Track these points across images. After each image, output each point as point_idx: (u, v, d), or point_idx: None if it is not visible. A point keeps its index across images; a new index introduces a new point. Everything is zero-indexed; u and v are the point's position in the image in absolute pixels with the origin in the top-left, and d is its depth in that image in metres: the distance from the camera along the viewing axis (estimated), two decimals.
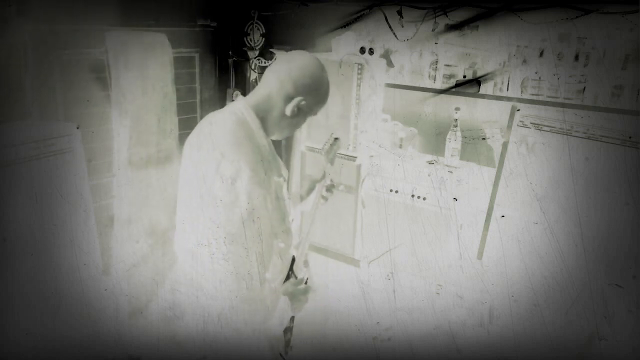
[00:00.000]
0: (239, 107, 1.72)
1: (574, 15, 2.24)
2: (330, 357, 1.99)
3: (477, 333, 2.48)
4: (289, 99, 1.71)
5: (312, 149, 2.99)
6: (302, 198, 2.10)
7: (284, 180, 1.81)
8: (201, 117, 3.10)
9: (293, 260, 1.92)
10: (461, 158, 2.63)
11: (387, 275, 2.71)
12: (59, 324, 2.23)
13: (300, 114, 1.75)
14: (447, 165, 2.64)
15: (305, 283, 1.93)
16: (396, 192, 2.77)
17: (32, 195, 2.10)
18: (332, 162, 2.02)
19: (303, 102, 1.72)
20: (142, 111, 2.70)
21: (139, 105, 2.68)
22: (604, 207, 2.14)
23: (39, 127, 2.24)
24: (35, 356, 2.16)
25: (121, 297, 2.51)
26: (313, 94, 1.74)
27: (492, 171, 2.47)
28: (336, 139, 2.02)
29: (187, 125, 3.03)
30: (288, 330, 1.94)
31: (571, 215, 2.21)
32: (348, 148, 2.98)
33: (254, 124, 1.70)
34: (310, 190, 2.08)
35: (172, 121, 2.86)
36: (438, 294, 2.61)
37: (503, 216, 2.41)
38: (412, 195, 2.74)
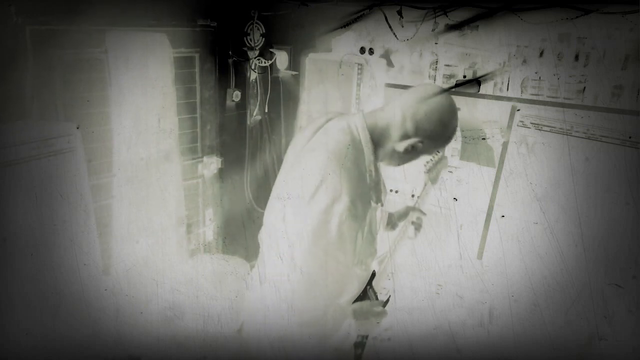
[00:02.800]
0: (357, 124, 1.58)
1: (574, 15, 2.24)
2: (331, 357, 1.99)
3: (477, 333, 2.48)
4: (405, 137, 1.57)
5: None
6: (393, 224, 1.99)
7: (382, 205, 1.67)
8: (201, 117, 3.11)
9: (373, 275, 1.79)
10: (461, 158, 2.63)
11: (387, 275, 2.71)
12: (59, 324, 2.23)
13: (414, 152, 1.60)
14: (447, 165, 2.64)
15: (386, 303, 1.81)
16: (396, 192, 2.77)
17: (32, 195, 2.10)
18: (434, 180, 1.90)
19: (420, 144, 1.56)
20: (142, 111, 2.70)
21: (139, 105, 2.68)
22: (604, 207, 2.14)
23: (39, 127, 2.24)
24: (35, 356, 2.16)
25: (121, 297, 2.51)
26: (434, 138, 1.57)
27: (492, 171, 2.47)
28: (442, 157, 1.91)
29: (187, 125, 3.03)
30: (359, 345, 1.83)
31: (571, 215, 2.21)
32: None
33: (367, 148, 1.57)
34: (403, 216, 1.98)
35: (172, 121, 2.86)
36: (438, 294, 2.61)
37: (503, 216, 2.41)
38: (412, 195, 2.74)
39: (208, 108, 3.11)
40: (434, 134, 1.56)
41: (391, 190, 2.79)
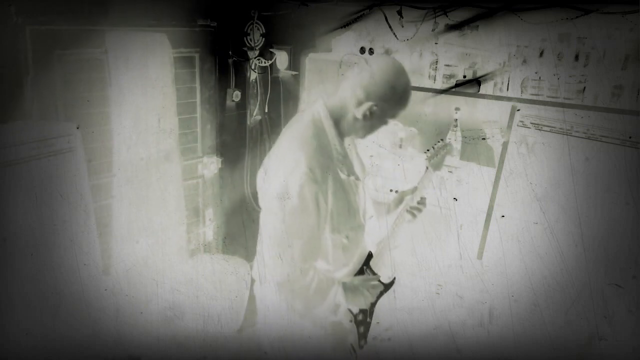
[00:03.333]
0: (317, 106, 1.78)
1: (574, 15, 2.24)
2: (331, 357, 1.99)
3: (477, 333, 2.48)
4: (360, 104, 1.72)
5: None
6: (389, 209, 2.10)
7: (357, 179, 1.83)
8: (201, 117, 3.11)
9: (369, 256, 1.93)
10: (461, 158, 2.63)
11: (387, 276, 2.72)
12: (59, 324, 2.23)
13: (374, 117, 1.75)
14: (447, 165, 2.64)
15: (391, 284, 1.95)
16: (396, 192, 2.77)
17: (32, 195, 2.10)
18: (436, 167, 1.99)
19: (375, 107, 1.72)
20: (142, 111, 2.70)
21: (139, 105, 2.68)
22: (604, 207, 2.14)
23: (39, 127, 2.23)
24: (35, 356, 2.16)
25: (121, 297, 2.51)
26: (386, 99, 1.72)
27: (492, 171, 2.47)
28: (446, 144, 1.99)
29: (187, 125, 3.03)
30: (361, 323, 1.94)
31: (571, 215, 2.21)
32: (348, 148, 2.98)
33: (327, 123, 1.75)
34: (399, 202, 2.07)
35: (172, 121, 2.86)
36: (438, 294, 2.61)
37: (503, 216, 2.42)
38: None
39: (208, 108, 3.11)
40: (385, 95, 1.71)
41: (391, 190, 2.79)
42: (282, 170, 1.69)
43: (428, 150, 1.99)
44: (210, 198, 3.24)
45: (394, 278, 1.98)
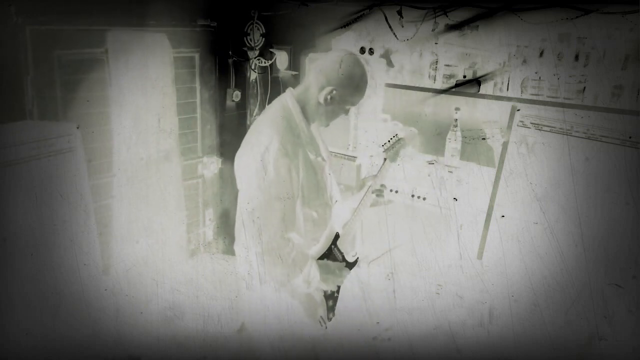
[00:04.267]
0: (286, 94, 2.01)
1: (574, 15, 2.24)
2: (331, 357, 1.99)
3: (477, 333, 2.48)
4: (322, 88, 1.94)
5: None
6: (353, 194, 2.28)
7: (323, 160, 2.04)
8: (201, 117, 3.11)
9: (337, 236, 2.10)
10: (461, 158, 2.63)
11: (387, 275, 2.71)
12: (59, 324, 2.23)
13: (334, 102, 1.96)
14: (447, 165, 2.64)
15: (355, 262, 2.15)
16: (396, 192, 2.77)
17: (32, 195, 2.10)
18: (392, 159, 2.17)
19: (334, 92, 1.94)
20: (142, 111, 2.70)
21: (139, 105, 2.68)
22: (604, 207, 2.14)
23: (39, 127, 2.24)
24: (35, 356, 2.16)
25: (121, 297, 2.51)
26: (344, 86, 1.94)
27: (492, 171, 2.47)
28: (400, 138, 2.17)
29: (187, 125, 3.03)
30: (330, 297, 2.12)
31: (571, 215, 2.21)
32: (348, 148, 2.98)
33: (294, 108, 1.97)
34: (360, 187, 2.24)
35: (172, 121, 2.86)
36: (438, 294, 2.61)
37: (503, 216, 2.42)
38: (412, 195, 2.74)
39: (208, 108, 3.11)
40: (342, 82, 1.93)
41: (391, 190, 2.79)
42: (257, 148, 1.88)
43: (384, 144, 2.17)
44: (210, 198, 3.24)
45: (357, 257, 2.17)
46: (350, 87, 1.96)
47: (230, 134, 3.25)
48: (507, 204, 2.40)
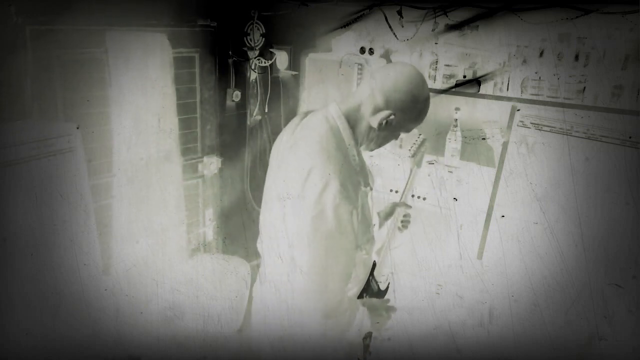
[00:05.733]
0: (332, 113, 1.63)
1: (574, 15, 2.24)
2: (331, 357, 1.99)
3: (477, 333, 2.48)
4: (377, 111, 1.60)
5: None
6: (380, 222, 2.01)
7: (371, 189, 1.72)
8: (201, 117, 3.11)
9: (374, 266, 1.85)
10: (461, 158, 2.63)
11: (387, 276, 2.71)
12: (59, 324, 2.23)
13: (389, 128, 1.63)
14: (447, 165, 2.64)
15: (386, 289, 1.90)
16: (396, 192, 2.77)
17: (32, 195, 2.10)
18: (419, 164, 1.93)
19: (392, 117, 1.59)
20: (142, 111, 2.70)
21: (139, 105, 2.68)
22: (604, 207, 2.14)
23: (39, 127, 2.23)
24: (35, 356, 2.16)
25: (121, 297, 2.51)
26: (405, 110, 1.60)
27: (492, 171, 2.47)
28: (424, 139, 1.94)
29: (187, 125, 3.03)
30: (367, 336, 1.88)
31: (571, 215, 2.21)
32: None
33: (345, 133, 1.62)
34: (388, 215, 2.00)
35: (172, 121, 2.86)
36: (438, 294, 2.61)
37: (503, 216, 2.41)
38: (412, 195, 2.74)
39: (208, 108, 3.11)
40: (404, 105, 1.58)
41: (391, 190, 2.79)
42: (310, 188, 1.51)
43: (410, 148, 1.93)
44: (210, 198, 3.24)
45: (389, 283, 1.93)
46: (412, 112, 1.61)
47: (230, 134, 3.25)
48: (507, 204, 2.40)
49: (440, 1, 2.53)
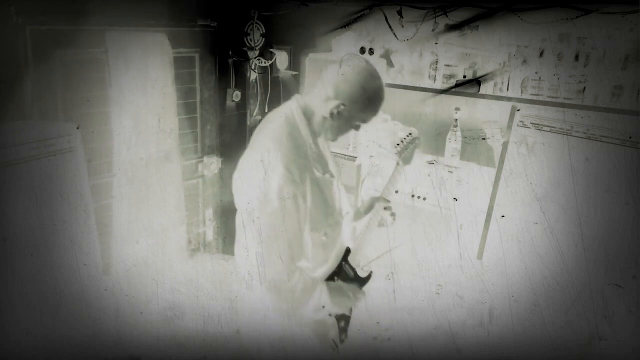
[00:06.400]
0: (291, 104, 1.80)
1: (574, 15, 2.24)
2: (331, 357, 1.99)
3: (477, 333, 2.48)
4: (327, 100, 1.72)
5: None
6: (358, 215, 2.07)
7: (331, 177, 1.83)
8: (201, 117, 3.12)
9: (347, 251, 1.93)
10: (461, 158, 2.63)
11: (387, 275, 2.71)
12: (59, 324, 2.23)
13: (342, 118, 1.73)
14: (447, 165, 2.64)
15: (368, 277, 1.96)
16: (396, 192, 2.77)
17: (32, 195, 2.10)
18: (406, 161, 1.97)
19: (342, 107, 1.71)
20: (142, 111, 2.70)
21: (139, 105, 2.68)
22: (604, 207, 2.14)
23: (39, 127, 2.23)
24: (35, 356, 2.16)
25: (121, 297, 2.51)
26: (355, 101, 1.70)
27: (492, 171, 2.47)
28: (415, 137, 1.96)
29: (187, 125, 3.03)
30: (342, 318, 1.95)
31: (571, 215, 2.21)
32: (348, 148, 2.98)
33: (302, 123, 1.76)
34: (369, 208, 2.03)
35: (172, 121, 2.86)
36: (438, 294, 2.61)
37: (503, 216, 2.41)
38: (412, 195, 2.74)
39: (208, 108, 3.11)
40: (353, 96, 1.69)
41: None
42: (259, 172, 1.66)
43: (398, 144, 1.96)
44: (210, 198, 3.24)
45: (371, 272, 1.98)
46: (362, 103, 1.71)
47: (230, 134, 3.25)
48: (507, 204, 2.40)
49: (440, 1, 2.53)
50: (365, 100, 1.72)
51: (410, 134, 1.97)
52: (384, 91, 1.75)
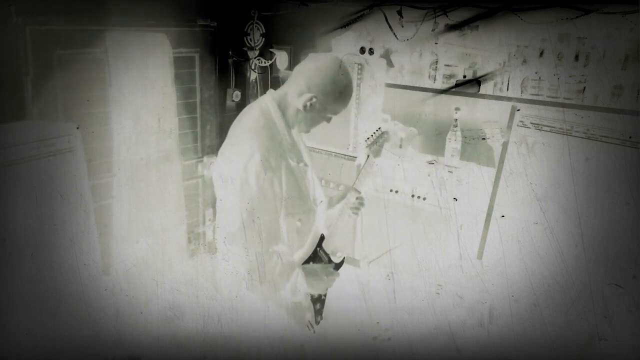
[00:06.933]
0: (266, 98, 1.92)
1: (574, 15, 2.24)
2: (330, 357, 1.99)
3: (477, 333, 2.48)
4: (301, 94, 1.85)
5: (312, 149, 2.99)
6: (331, 204, 2.20)
7: (305, 166, 1.97)
8: (201, 117, 3.11)
9: (322, 238, 2.05)
10: (461, 158, 2.63)
11: (387, 275, 2.72)
12: (59, 324, 2.23)
13: (314, 110, 1.86)
14: (447, 165, 2.64)
15: (341, 263, 2.10)
16: (396, 192, 2.77)
17: (32, 195, 2.10)
18: (376, 154, 2.08)
19: (314, 99, 1.84)
20: (142, 111, 2.70)
21: (139, 105, 2.68)
22: (604, 207, 2.14)
23: (39, 127, 2.23)
24: (35, 356, 2.16)
25: (121, 297, 2.51)
26: (326, 94, 1.84)
27: (492, 171, 2.47)
28: (383, 132, 2.09)
29: (187, 125, 3.03)
30: (317, 300, 2.08)
31: (571, 215, 2.21)
32: (348, 148, 2.98)
33: (275, 114, 1.88)
34: (341, 198, 2.16)
35: (172, 121, 2.86)
36: (438, 294, 2.61)
37: (503, 216, 2.41)
38: (412, 195, 2.74)
39: (208, 108, 3.11)
40: (325, 89, 1.83)
41: (391, 190, 2.79)
42: (237, 161, 1.79)
43: (367, 139, 2.09)
44: (210, 198, 3.24)
45: (344, 257, 2.12)
46: (332, 95, 1.86)
47: None
48: (507, 204, 2.40)
49: (440, 1, 2.53)
50: (336, 94, 1.85)
51: (379, 128, 2.11)
52: (352, 85, 1.91)
